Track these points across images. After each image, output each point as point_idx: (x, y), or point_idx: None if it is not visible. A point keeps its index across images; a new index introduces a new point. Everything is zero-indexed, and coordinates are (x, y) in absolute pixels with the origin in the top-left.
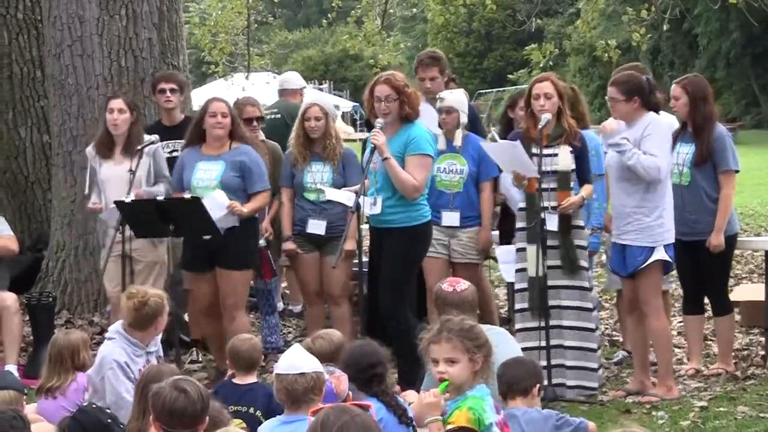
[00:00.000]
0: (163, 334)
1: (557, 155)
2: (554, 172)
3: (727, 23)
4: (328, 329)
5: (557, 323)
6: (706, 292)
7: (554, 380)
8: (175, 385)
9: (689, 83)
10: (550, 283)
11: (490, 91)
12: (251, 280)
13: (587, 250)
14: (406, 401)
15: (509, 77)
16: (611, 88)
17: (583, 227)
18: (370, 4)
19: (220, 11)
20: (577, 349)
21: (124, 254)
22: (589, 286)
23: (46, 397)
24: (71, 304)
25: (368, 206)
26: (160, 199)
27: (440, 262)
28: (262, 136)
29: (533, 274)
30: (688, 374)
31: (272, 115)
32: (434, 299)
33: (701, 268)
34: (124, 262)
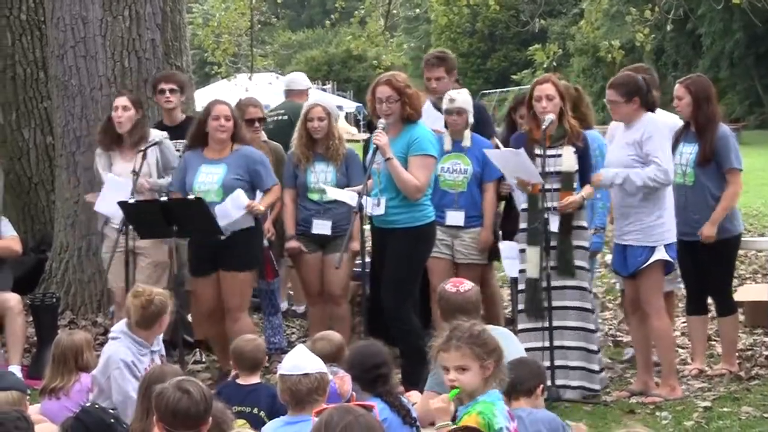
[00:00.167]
0: (166, 334)
1: (561, 156)
2: (557, 173)
3: (730, 23)
4: (327, 331)
5: (561, 324)
6: (709, 292)
7: (558, 381)
8: (178, 385)
9: (692, 83)
10: (554, 283)
11: (493, 91)
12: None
13: (589, 250)
14: (409, 401)
15: (513, 78)
16: (610, 91)
17: (585, 228)
18: (373, 4)
19: (223, 12)
20: (579, 349)
21: (127, 251)
22: (588, 287)
23: (49, 397)
24: (75, 304)
25: (372, 207)
26: (163, 199)
27: (444, 262)
28: (264, 136)
29: (532, 275)
30: (691, 374)
31: (279, 115)
32: (438, 300)
33: (704, 268)
34: (127, 259)
